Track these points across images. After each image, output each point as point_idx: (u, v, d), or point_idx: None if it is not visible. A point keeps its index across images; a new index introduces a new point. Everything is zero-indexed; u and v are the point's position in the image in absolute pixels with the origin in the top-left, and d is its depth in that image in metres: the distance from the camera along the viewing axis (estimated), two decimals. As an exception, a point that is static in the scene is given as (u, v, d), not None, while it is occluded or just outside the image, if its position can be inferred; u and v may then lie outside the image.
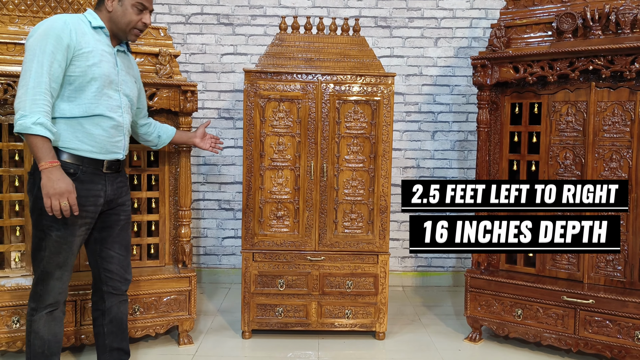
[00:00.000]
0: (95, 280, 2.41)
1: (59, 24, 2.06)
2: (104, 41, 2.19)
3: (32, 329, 2.16)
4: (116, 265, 2.37)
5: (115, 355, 2.44)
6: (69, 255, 2.15)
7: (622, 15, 2.62)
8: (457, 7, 4.07)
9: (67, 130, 2.10)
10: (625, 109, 2.76)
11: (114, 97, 2.20)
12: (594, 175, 2.84)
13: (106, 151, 2.19)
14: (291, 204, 3.06)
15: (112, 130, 2.19)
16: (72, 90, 2.10)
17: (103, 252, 2.34)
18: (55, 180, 1.99)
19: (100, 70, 2.13)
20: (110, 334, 2.42)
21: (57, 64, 2.02)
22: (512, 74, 2.92)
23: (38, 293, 2.16)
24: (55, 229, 2.09)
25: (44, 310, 2.15)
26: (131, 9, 2.18)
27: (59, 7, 2.85)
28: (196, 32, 4.09)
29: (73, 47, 2.06)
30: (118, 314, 2.43)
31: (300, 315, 3.09)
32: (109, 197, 2.25)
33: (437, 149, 4.17)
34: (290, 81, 2.98)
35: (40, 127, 1.96)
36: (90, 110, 2.12)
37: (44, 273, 2.13)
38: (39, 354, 2.17)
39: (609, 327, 2.72)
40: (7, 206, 2.78)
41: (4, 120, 2.73)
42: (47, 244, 2.10)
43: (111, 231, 2.34)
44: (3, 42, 2.67)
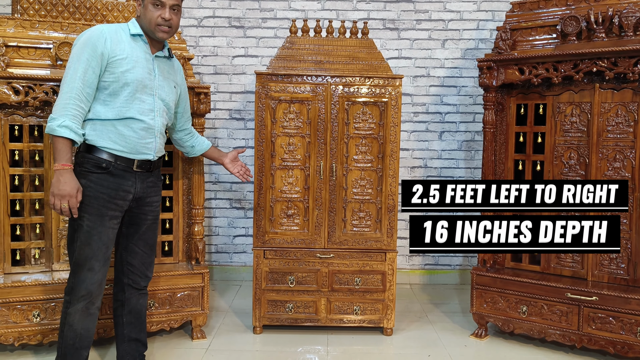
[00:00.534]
0: (117, 272, 2.54)
1: (96, 33, 2.23)
2: (141, 48, 2.33)
3: (66, 321, 2.28)
4: (138, 261, 2.49)
5: (133, 345, 2.55)
6: (99, 246, 2.26)
7: (625, 18, 2.68)
8: (464, 9, 4.14)
9: (102, 131, 2.25)
10: (629, 109, 2.81)
11: (147, 100, 2.33)
12: (597, 175, 2.89)
13: (136, 152, 2.32)
14: (301, 202, 3.14)
15: (142, 132, 2.32)
16: (107, 94, 2.25)
17: (128, 246, 2.48)
18: (62, 182, 2.16)
19: (133, 75, 2.26)
20: (128, 325, 2.53)
21: (92, 71, 2.19)
22: (517, 76, 2.99)
23: (70, 285, 2.29)
24: (86, 218, 2.23)
25: (78, 303, 2.26)
26: (150, 7, 2.29)
27: (77, 12, 2.95)
28: (208, 35, 4.18)
29: (107, 54, 2.21)
30: (137, 305, 2.55)
31: (310, 311, 3.17)
32: (137, 195, 2.38)
33: (444, 149, 4.24)
34: (300, 83, 3.06)
35: (65, 129, 2.14)
36: (122, 113, 2.26)
37: (76, 264, 2.27)
38: (69, 345, 2.30)
39: (612, 324, 2.77)
40: (27, 204, 2.88)
41: (25, 121, 2.83)
42: (79, 234, 2.24)
43: (138, 228, 2.46)
44: (24, 46, 2.78)
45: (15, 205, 2.86)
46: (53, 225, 2.90)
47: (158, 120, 2.37)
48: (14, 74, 2.67)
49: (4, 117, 2.79)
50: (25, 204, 2.88)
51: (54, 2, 2.91)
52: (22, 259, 2.91)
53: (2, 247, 2.83)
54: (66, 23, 2.88)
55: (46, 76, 2.71)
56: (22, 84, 2.69)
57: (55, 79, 2.71)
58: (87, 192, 2.23)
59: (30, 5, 2.87)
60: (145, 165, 2.38)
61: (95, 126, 2.26)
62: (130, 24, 2.34)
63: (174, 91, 2.47)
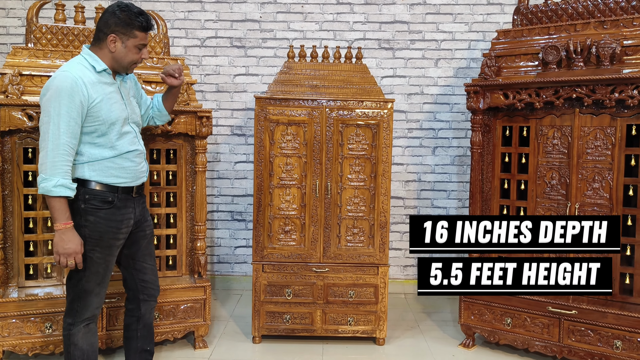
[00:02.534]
0: (131, 290, 2.66)
1: (69, 82, 2.19)
2: (108, 81, 2.36)
3: (70, 341, 2.39)
4: (150, 275, 2.65)
5: (143, 356, 2.71)
6: (106, 273, 2.40)
7: (602, 49, 2.84)
8: (456, 30, 4.31)
9: (102, 169, 2.32)
10: (607, 133, 2.98)
11: (131, 130, 2.42)
12: (578, 195, 3.06)
13: (136, 178, 2.45)
14: (298, 219, 3.32)
15: (137, 159, 2.45)
16: (95, 137, 2.29)
17: (137, 264, 2.60)
18: (66, 241, 2.22)
19: (115, 114, 2.32)
20: (142, 338, 2.69)
21: (74, 122, 2.20)
22: (502, 100, 3.15)
23: (75, 309, 2.37)
24: (97, 252, 2.33)
25: (81, 324, 2.39)
26: (134, 50, 2.35)
27: (87, 41, 3.13)
28: (211, 55, 4.36)
29: (86, 102, 2.23)
30: (149, 319, 2.71)
31: (306, 322, 3.35)
32: (137, 218, 2.51)
33: (437, 163, 4.41)
34: (297, 107, 3.24)
35: (61, 189, 2.18)
36: (119, 149, 2.35)
37: (83, 291, 2.35)
38: None
39: (591, 336, 2.94)
40: (40, 222, 3.06)
41: (37, 144, 3.01)
42: (87, 265, 2.32)
43: (139, 245, 2.59)
44: (37, 74, 2.95)
45: (29, 223, 3.04)
46: (64, 242, 3.08)
47: (141, 142, 2.49)
48: (28, 101, 2.85)
49: (18, 141, 2.97)
50: (38, 221, 3.06)
51: (65, 32, 3.09)
52: (34, 273, 3.10)
53: (16, 263, 3.02)
54: (76, 52, 3.06)
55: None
56: (36, 110, 2.87)
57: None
58: (97, 228, 2.31)
59: (42, 35, 3.06)
60: (140, 189, 2.52)
61: (93, 166, 2.31)
62: (89, 59, 2.32)
63: (137, 106, 2.54)
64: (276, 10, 4.33)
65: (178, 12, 4.33)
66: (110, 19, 2.30)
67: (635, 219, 2.93)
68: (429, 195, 4.43)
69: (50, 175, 2.16)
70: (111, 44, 2.31)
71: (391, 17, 4.32)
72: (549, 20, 3.19)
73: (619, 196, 2.96)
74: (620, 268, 2.98)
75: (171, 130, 3.11)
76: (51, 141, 2.17)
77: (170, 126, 3.10)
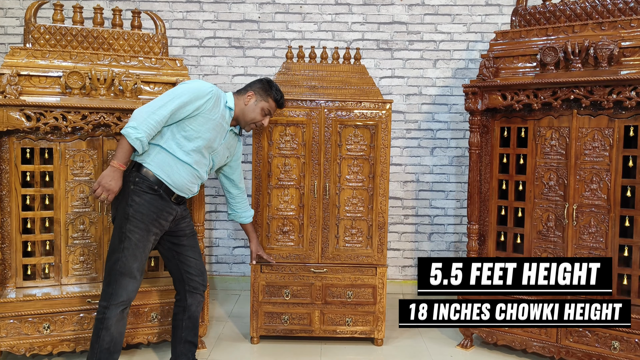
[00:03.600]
0: (177, 282, 2.85)
1: (206, 89, 2.60)
2: (226, 118, 2.74)
3: (103, 325, 2.50)
4: (194, 268, 2.83)
5: (187, 346, 2.89)
6: (143, 257, 2.56)
7: (600, 50, 2.84)
8: (455, 31, 4.31)
9: (163, 162, 2.58)
10: (605, 135, 2.98)
11: (207, 157, 2.71)
12: (575, 196, 3.06)
13: (180, 190, 2.66)
14: (296, 220, 3.32)
15: (192, 177, 2.67)
16: (183, 136, 2.59)
17: (181, 257, 2.80)
18: (112, 178, 2.45)
19: (210, 135, 2.65)
20: (186, 328, 2.86)
21: (183, 111, 2.54)
22: (500, 101, 3.16)
23: (110, 292, 2.51)
24: (137, 232, 2.51)
25: (117, 308, 2.51)
26: (260, 111, 2.82)
27: (85, 42, 3.13)
28: (209, 55, 4.36)
29: (201, 109, 2.58)
30: (195, 312, 2.87)
31: (304, 323, 3.35)
32: (177, 217, 2.71)
33: (435, 164, 4.41)
34: (295, 107, 3.24)
35: (138, 142, 2.45)
36: (188, 159, 2.62)
37: (118, 273, 2.50)
38: (105, 349, 2.52)
39: (588, 337, 2.95)
40: (38, 222, 3.06)
41: (35, 145, 3.01)
42: (126, 245, 2.50)
43: (181, 240, 2.79)
44: (35, 75, 2.95)
45: (27, 223, 3.04)
46: (62, 242, 3.09)
47: (206, 174, 2.77)
48: (26, 101, 2.85)
49: (16, 141, 2.97)
50: (36, 222, 3.06)
51: (63, 32, 3.09)
52: (32, 273, 3.10)
53: (14, 263, 3.01)
54: (75, 52, 3.06)
55: (56, 103, 2.89)
56: (34, 110, 2.87)
57: (64, 106, 2.89)
58: (140, 209, 2.52)
59: (41, 35, 3.05)
60: (180, 199, 2.71)
61: (160, 155, 2.57)
62: (229, 96, 2.78)
63: (225, 159, 2.89)
64: (275, 10, 4.33)
65: (176, 12, 4.33)
66: (257, 84, 2.84)
67: (633, 220, 2.94)
68: (427, 195, 4.44)
69: (139, 126, 2.44)
70: (247, 98, 2.80)
71: (390, 17, 4.32)
72: (547, 21, 3.19)
73: (617, 197, 2.97)
74: (618, 269, 2.98)
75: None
76: (159, 107, 2.49)
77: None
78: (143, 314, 3.13)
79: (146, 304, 3.12)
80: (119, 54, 3.16)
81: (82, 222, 3.13)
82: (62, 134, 3.04)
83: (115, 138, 3.15)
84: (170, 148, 2.58)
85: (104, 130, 3.12)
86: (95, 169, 3.13)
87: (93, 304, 3.01)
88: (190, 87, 2.58)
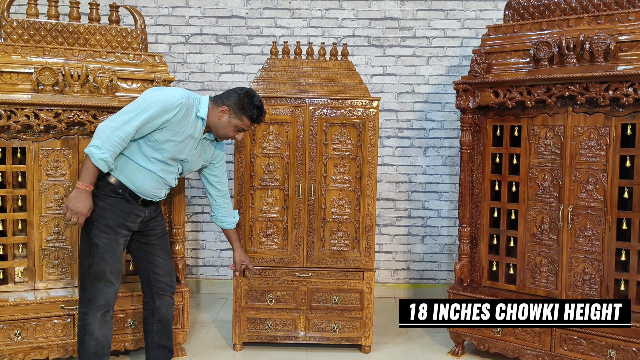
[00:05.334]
0: (144, 283, 2.78)
1: (176, 100, 2.43)
2: (198, 128, 2.56)
3: (86, 331, 2.48)
4: (162, 269, 2.75)
5: (161, 352, 2.81)
6: (114, 260, 2.50)
7: (596, 45, 2.71)
8: (449, 27, 4.18)
9: (125, 168, 2.49)
10: (601, 133, 2.85)
11: (174, 165, 2.59)
12: (571, 197, 2.93)
13: (145, 195, 2.57)
14: (280, 222, 3.19)
15: (157, 184, 2.57)
16: (148, 146, 2.48)
17: (149, 256, 2.72)
18: (79, 200, 2.38)
19: (176, 148, 2.51)
20: (158, 332, 2.79)
21: (149, 126, 2.40)
22: (492, 99, 3.03)
23: (87, 297, 2.47)
24: (102, 237, 2.45)
25: (96, 313, 2.48)
26: (232, 128, 2.60)
27: (60, 37, 3.01)
28: (195, 52, 4.24)
29: (170, 122, 2.44)
30: (166, 315, 2.80)
31: (289, 329, 3.22)
32: (146, 218, 2.63)
33: (429, 164, 4.28)
34: (279, 105, 3.11)
35: (103, 163, 2.35)
36: (150, 166, 2.51)
37: (93, 277, 2.46)
38: (92, 354, 2.49)
39: (584, 345, 2.81)
40: (10, 224, 2.94)
41: (7, 144, 2.89)
42: (95, 250, 2.45)
43: (150, 239, 2.71)
44: (6, 71, 2.83)
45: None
46: (36, 245, 2.97)
47: (174, 180, 2.66)
48: (-3, 98, 2.74)
49: (-13, 140, 2.86)
50: (8, 224, 2.94)
51: (36, 26, 2.97)
52: (5, 278, 2.98)
53: (-15, 267, 2.90)
54: (48, 47, 2.94)
55: (27, 101, 2.77)
56: (4, 108, 2.75)
57: (36, 103, 2.77)
58: (104, 213, 2.46)
59: (13, 30, 2.94)
60: (148, 202, 2.63)
61: (122, 162, 2.48)
62: (203, 104, 2.56)
63: (199, 166, 2.77)
64: (263, 6, 4.21)
65: (162, 7, 4.21)
66: (234, 97, 2.57)
67: (631, 223, 2.80)
68: (420, 197, 4.30)
69: (103, 145, 2.33)
70: (220, 113, 2.57)
71: (381, 13, 4.20)
72: (541, 15, 3.06)
73: (614, 199, 2.83)
74: (615, 274, 2.85)
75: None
76: (123, 123, 2.36)
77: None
78: (119, 320, 3.00)
79: (123, 309, 2.99)
80: (95, 50, 3.04)
81: (57, 224, 3.01)
82: (35, 133, 2.92)
83: (91, 137, 3.02)
84: (134, 156, 2.49)
85: (79, 129, 2.99)
86: (70, 169, 3.01)
87: (67, 310, 2.89)
88: (159, 98, 2.41)
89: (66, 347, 2.91)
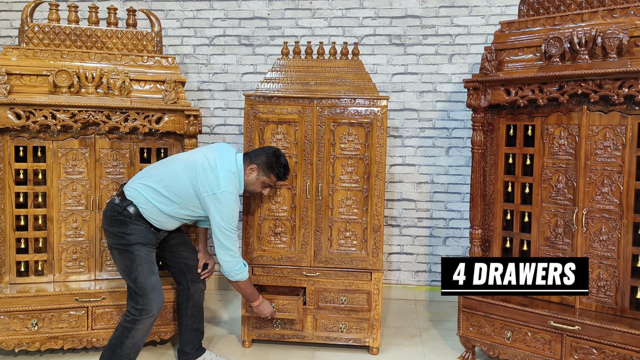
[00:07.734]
0: (178, 274, 3.00)
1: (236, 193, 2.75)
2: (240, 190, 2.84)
3: (130, 334, 2.63)
4: (191, 261, 2.99)
5: (194, 334, 3.02)
6: (152, 267, 2.71)
7: (609, 40, 2.58)
8: (472, 24, 4.08)
9: (153, 212, 2.71)
10: (617, 133, 2.71)
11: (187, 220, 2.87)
12: (585, 200, 2.80)
13: (162, 228, 2.80)
14: (288, 221, 3.21)
15: (179, 223, 2.85)
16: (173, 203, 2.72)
17: (174, 253, 2.97)
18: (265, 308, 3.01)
19: None
20: (192, 316, 3.00)
21: None
22: (504, 97, 2.93)
23: (139, 308, 2.64)
24: (142, 250, 2.68)
25: (147, 321, 2.66)
26: (260, 184, 2.87)
27: (79, 40, 3.14)
28: (219, 53, 4.33)
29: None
30: (199, 300, 3.03)
31: (296, 328, 3.24)
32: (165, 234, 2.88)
33: (451, 164, 4.19)
34: (287, 105, 3.13)
35: (244, 269, 2.83)
36: (172, 212, 2.75)
37: (142, 287, 2.65)
38: (125, 355, 2.65)
39: (595, 354, 2.68)
40: (31, 219, 3.10)
41: (29, 143, 3.05)
42: (138, 261, 2.66)
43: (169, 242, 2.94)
44: (26, 74, 2.98)
45: (20, 220, 3.09)
46: (55, 240, 3.12)
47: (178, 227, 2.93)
48: (16, 100, 2.89)
49: (9, 139, 3.02)
50: (29, 219, 3.10)
51: (56, 31, 3.11)
52: (26, 270, 3.14)
53: (7, 259, 3.06)
54: (66, 51, 3.08)
55: (44, 102, 2.91)
56: (23, 109, 2.90)
57: (52, 104, 2.91)
58: (140, 233, 2.68)
59: (34, 35, 3.09)
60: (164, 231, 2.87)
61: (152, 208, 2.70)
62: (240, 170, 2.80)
63: None
64: (284, 7, 4.24)
65: (187, 10, 4.32)
66: (263, 156, 2.83)
67: (648, 227, 2.65)
68: (442, 197, 4.22)
69: (234, 255, 2.76)
70: (250, 170, 2.83)
71: (402, 11, 4.14)
72: (556, 10, 2.94)
73: (630, 202, 2.69)
74: (631, 281, 2.71)
75: (159, 130, 3.08)
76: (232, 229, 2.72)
77: (158, 125, 3.07)
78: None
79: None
80: (110, 52, 3.15)
81: (75, 220, 3.15)
82: (54, 133, 3.06)
83: (107, 137, 3.15)
84: (158, 205, 2.70)
85: (96, 129, 3.12)
86: (87, 167, 3.14)
87: (81, 302, 3.02)
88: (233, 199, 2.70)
89: (80, 338, 3.04)
